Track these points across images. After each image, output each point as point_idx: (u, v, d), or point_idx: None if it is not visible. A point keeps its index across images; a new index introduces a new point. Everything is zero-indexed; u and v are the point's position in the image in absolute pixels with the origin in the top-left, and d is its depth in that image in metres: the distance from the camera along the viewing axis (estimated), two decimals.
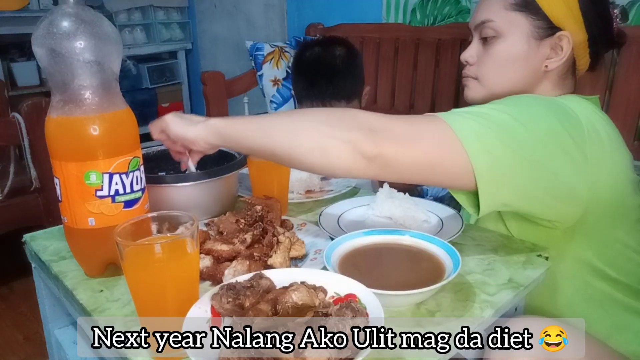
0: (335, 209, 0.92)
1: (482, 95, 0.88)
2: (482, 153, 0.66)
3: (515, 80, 0.86)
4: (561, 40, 0.82)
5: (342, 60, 1.36)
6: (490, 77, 0.87)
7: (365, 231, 0.76)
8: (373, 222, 0.89)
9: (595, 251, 0.80)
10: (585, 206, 0.74)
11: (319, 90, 1.35)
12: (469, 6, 2.11)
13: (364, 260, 0.72)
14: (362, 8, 2.53)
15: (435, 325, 0.62)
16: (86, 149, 0.65)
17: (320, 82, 1.34)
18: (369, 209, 0.93)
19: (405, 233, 0.76)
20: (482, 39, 0.87)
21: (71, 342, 0.90)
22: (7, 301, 1.99)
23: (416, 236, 0.74)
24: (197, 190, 0.85)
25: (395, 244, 0.75)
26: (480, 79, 0.89)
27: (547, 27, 0.82)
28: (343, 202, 0.95)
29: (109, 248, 0.60)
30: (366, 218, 0.91)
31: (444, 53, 2.13)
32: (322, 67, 1.35)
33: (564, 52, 0.83)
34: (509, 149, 0.67)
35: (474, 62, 0.89)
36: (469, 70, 0.90)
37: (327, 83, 1.34)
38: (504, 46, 0.84)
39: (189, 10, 3.76)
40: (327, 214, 0.90)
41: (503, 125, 0.68)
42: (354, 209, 0.94)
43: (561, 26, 0.82)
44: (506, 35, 0.84)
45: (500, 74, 0.86)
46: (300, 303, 0.53)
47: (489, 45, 0.86)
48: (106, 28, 0.66)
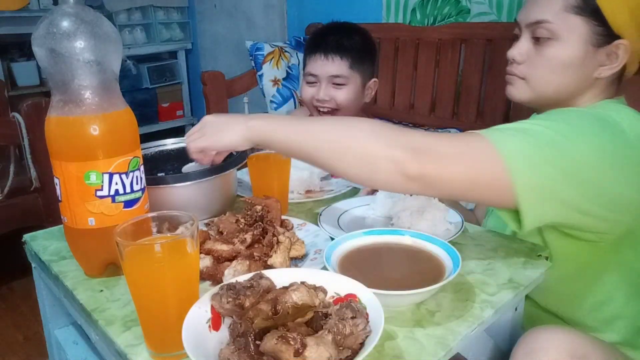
0: (335, 209, 0.92)
1: (528, 96, 0.86)
2: (526, 171, 0.65)
3: (565, 85, 0.82)
4: (618, 49, 0.79)
5: (360, 42, 1.34)
6: (540, 80, 0.83)
7: (365, 231, 0.76)
8: (373, 222, 0.89)
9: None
10: (636, 213, 0.73)
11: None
12: (469, 6, 2.11)
13: (364, 260, 0.72)
14: (362, 8, 2.53)
15: (435, 325, 0.62)
16: (86, 149, 0.65)
17: (335, 58, 1.31)
18: (369, 209, 0.93)
19: (405, 233, 0.76)
20: (535, 38, 0.82)
21: (71, 342, 0.90)
22: (7, 301, 1.99)
23: (416, 236, 0.74)
24: (196, 189, 0.85)
25: (395, 244, 0.75)
26: (528, 80, 0.85)
27: (606, 34, 0.78)
28: (343, 202, 0.95)
29: (109, 248, 0.60)
30: (366, 217, 0.91)
31: (444, 53, 2.13)
32: (339, 42, 1.31)
33: (619, 61, 0.79)
34: (554, 167, 0.66)
35: (522, 60, 0.85)
36: (516, 69, 0.86)
37: (342, 57, 1.30)
38: (559, 50, 0.80)
39: (189, 10, 3.76)
40: (327, 214, 0.90)
41: (548, 142, 0.67)
42: (353, 209, 0.94)
43: (621, 34, 0.78)
44: (562, 39, 0.79)
45: (551, 78, 0.82)
46: (300, 303, 0.53)
47: (542, 46, 0.81)
48: (106, 28, 0.66)
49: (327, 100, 1.31)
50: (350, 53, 1.30)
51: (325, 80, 1.31)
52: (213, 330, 0.55)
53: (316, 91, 1.32)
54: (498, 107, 1.99)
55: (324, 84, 1.31)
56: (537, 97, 0.85)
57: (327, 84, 1.31)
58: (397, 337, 0.59)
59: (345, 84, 1.31)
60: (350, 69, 1.31)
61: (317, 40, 1.34)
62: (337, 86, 1.31)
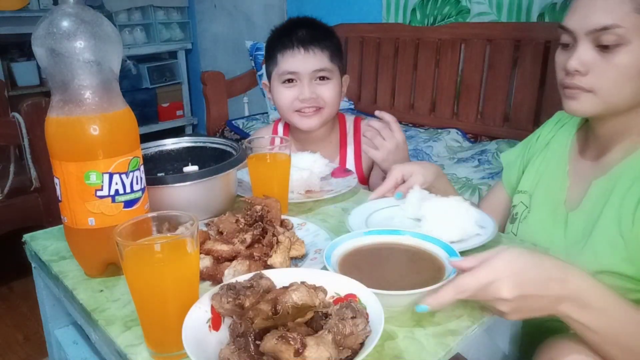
0: (364, 209, 0.89)
1: (598, 110, 0.78)
2: None
3: (638, 93, 0.76)
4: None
5: (330, 34, 1.23)
6: (612, 90, 0.76)
7: (366, 231, 0.76)
8: (401, 223, 0.85)
9: None
10: None
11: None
12: (469, 6, 2.11)
13: (364, 260, 0.71)
14: (362, 8, 2.53)
15: (435, 325, 0.62)
16: (86, 149, 0.65)
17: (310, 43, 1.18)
18: (399, 210, 0.89)
19: (405, 233, 0.75)
20: (600, 46, 0.75)
21: (71, 342, 0.90)
22: (7, 301, 1.99)
23: (416, 236, 0.74)
24: (196, 189, 0.85)
25: (396, 244, 0.75)
26: (596, 92, 0.77)
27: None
28: (372, 203, 0.91)
29: (109, 248, 0.60)
30: (394, 217, 0.87)
31: (444, 53, 2.13)
32: (313, 35, 1.19)
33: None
34: None
35: (587, 71, 0.77)
36: (580, 81, 0.77)
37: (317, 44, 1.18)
38: (632, 56, 0.73)
39: (189, 10, 3.76)
40: (355, 214, 0.86)
41: None
42: (383, 209, 0.90)
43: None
44: (633, 43, 0.73)
45: (624, 87, 0.75)
46: (300, 303, 0.53)
47: (611, 54, 0.74)
48: (106, 28, 0.66)
49: (314, 98, 1.17)
50: (327, 45, 1.19)
51: (307, 76, 1.17)
52: (213, 330, 0.55)
53: (298, 91, 1.17)
54: (498, 107, 1.99)
55: (307, 81, 1.17)
56: (606, 109, 0.78)
57: (309, 80, 1.17)
58: (397, 337, 0.59)
59: (330, 78, 1.19)
60: (331, 62, 1.19)
61: (286, 36, 1.19)
62: (322, 81, 1.19)
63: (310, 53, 1.17)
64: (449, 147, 1.96)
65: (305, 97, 1.17)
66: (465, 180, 1.60)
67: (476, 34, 2.02)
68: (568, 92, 0.80)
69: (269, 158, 0.93)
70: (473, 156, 1.80)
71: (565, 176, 0.88)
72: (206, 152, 0.98)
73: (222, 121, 2.42)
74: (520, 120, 1.92)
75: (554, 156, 0.92)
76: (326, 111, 1.20)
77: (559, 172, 0.90)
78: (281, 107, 1.22)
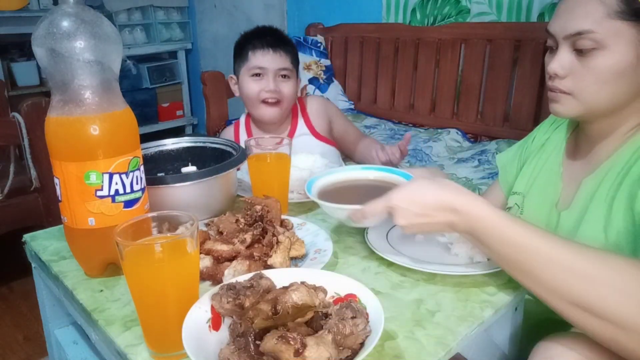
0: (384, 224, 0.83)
1: (578, 112, 0.80)
2: None
3: (617, 95, 0.78)
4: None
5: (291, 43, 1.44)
6: (590, 93, 0.78)
7: (364, 166, 0.89)
8: (425, 238, 0.83)
9: None
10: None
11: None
12: (469, 6, 2.11)
13: (340, 191, 0.82)
14: (362, 8, 2.53)
15: (435, 325, 0.62)
16: (86, 149, 0.65)
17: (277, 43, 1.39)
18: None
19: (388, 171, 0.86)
20: (577, 50, 0.77)
21: (71, 342, 0.90)
22: (7, 301, 1.99)
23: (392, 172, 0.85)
24: (196, 189, 0.85)
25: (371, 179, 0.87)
26: (575, 95, 0.79)
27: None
28: None
29: (109, 248, 0.60)
30: (423, 242, 0.84)
31: (444, 53, 2.13)
32: (280, 39, 1.41)
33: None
34: None
35: (565, 74, 0.79)
36: (559, 84, 0.80)
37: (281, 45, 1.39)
38: (608, 60, 0.75)
39: (189, 10, 3.76)
40: (374, 229, 0.84)
41: None
42: None
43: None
44: (610, 48, 0.74)
45: (601, 90, 0.77)
46: (300, 303, 0.53)
47: (586, 58, 0.76)
48: (106, 28, 0.66)
49: (277, 91, 1.37)
50: (289, 50, 1.41)
51: (272, 72, 1.37)
52: (213, 330, 0.55)
53: (265, 84, 1.37)
54: (498, 107, 1.99)
55: (272, 77, 1.37)
56: (587, 111, 0.80)
57: (274, 76, 1.37)
58: (397, 337, 0.59)
59: (290, 77, 1.40)
60: (292, 64, 1.41)
61: (257, 38, 1.41)
62: (283, 79, 1.39)
63: (277, 54, 1.38)
64: (449, 147, 1.96)
65: (270, 88, 1.36)
66: (465, 180, 1.60)
67: (476, 34, 2.02)
68: (551, 95, 0.83)
69: (269, 158, 0.93)
70: (473, 156, 1.79)
71: (559, 178, 0.89)
72: (206, 152, 0.99)
73: (222, 121, 2.41)
74: (520, 120, 1.92)
75: (549, 158, 0.93)
76: (284, 104, 1.40)
77: (552, 174, 0.90)
78: (249, 97, 1.40)
